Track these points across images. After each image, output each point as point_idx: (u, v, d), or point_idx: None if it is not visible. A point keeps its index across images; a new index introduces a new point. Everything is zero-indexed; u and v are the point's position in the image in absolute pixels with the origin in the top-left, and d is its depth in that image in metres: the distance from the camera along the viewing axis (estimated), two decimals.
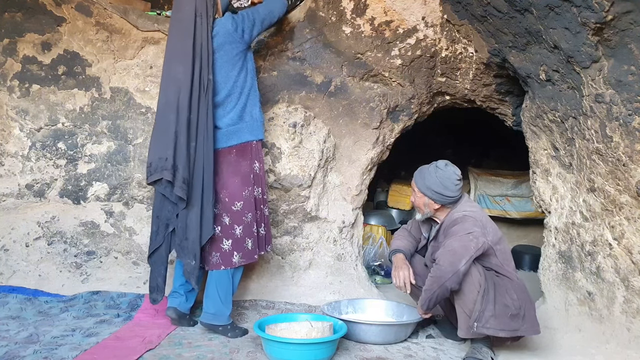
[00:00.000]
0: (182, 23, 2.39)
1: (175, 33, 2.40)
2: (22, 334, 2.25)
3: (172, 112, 2.33)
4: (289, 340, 2.07)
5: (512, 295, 2.18)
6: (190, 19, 2.37)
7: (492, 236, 2.25)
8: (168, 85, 2.38)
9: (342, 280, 3.00)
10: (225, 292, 2.39)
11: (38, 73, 2.92)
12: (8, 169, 2.92)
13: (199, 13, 2.39)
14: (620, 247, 2.19)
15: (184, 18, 2.38)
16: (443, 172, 2.35)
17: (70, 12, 2.92)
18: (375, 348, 2.32)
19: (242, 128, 2.46)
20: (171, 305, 2.43)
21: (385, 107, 3.04)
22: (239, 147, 2.45)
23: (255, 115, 2.50)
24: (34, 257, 2.91)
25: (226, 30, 2.45)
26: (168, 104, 2.35)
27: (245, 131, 2.46)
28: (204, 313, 2.40)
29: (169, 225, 2.39)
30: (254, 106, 2.51)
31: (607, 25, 1.89)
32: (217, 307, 2.37)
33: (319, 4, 2.95)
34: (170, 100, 2.34)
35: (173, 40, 2.41)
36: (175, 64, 2.37)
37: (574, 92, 2.27)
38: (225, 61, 2.44)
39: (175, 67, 2.36)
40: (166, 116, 2.34)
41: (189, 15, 2.38)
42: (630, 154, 2.03)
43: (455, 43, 2.95)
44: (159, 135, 2.36)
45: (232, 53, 2.45)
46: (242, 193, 2.42)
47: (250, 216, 2.42)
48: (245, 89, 2.48)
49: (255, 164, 2.48)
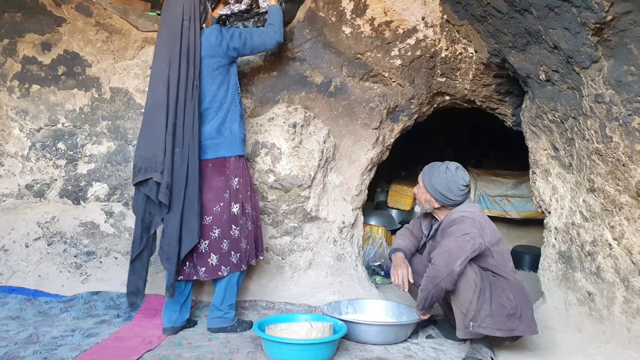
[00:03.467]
0: (170, 24, 2.36)
1: (164, 33, 2.37)
2: (21, 335, 2.25)
3: (160, 112, 2.29)
4: (288, 341, 2.07)
5: (508, 295, 2.18)
6: (178, 20, 2.34)
7: (490, 237, 2.25)
8: (156, 85, 2.33)
9: (342, 280, 3.00)
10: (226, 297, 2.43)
11: (38, 73, 2.92)
12: (8, 169, 2.92)
13: (186, 16, 2.35)
14: (620, 247, 2.19)
15: (172, 19, 2.35)
16: (452, 175, 2.35)
17: (70, 13, 2.93)
18: (375, 348, 2.32)
19: (219, 143, 2.42)
20: (167, 326, 2.37)
21: (385, 107, 3.04)
22: (214, 162, 2.40)
23: (234, 131, 2.45)
24: (33, 257, 2.91)
25: (209, 42, 2.41)
26: (156, 104, 2.31)
27: (222, 146, 2.42)
28: (210, 319, 2.43)
29: (151, 228, 2.35)
30: (234, 121, 2.46)
31: (606, 25, 1.89)
32: (222, 311, 2.42)
33: (319, 5, 2.95)
34: (158, 100, 2.31)
35: (162, 40, 2.38)
36: (163, 64, 2.33)
37: (574, 93, 2.27)
38: (206, 74, 2.40)
39: (163, 68, 2.32)
40: (154, 116, 2.31)
41: (177, 16, 2.34)
42: (630, 154, 2.03)
43: (455, 43, 2.95)
44: (146, 135, 2.32)
45: (212, 66, 2.41)
46: (213, 208, 2.37)
47: (219, 232, 2.37)
48: (224, 103, 2.44)
49: (232, 180, 2.43)
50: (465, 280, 2.16)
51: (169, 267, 2.30)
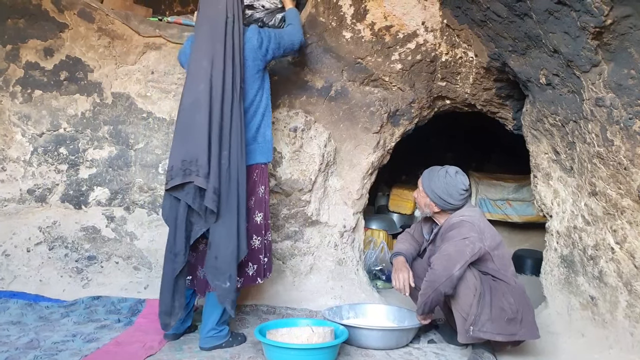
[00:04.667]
0: (211, 20, 2.22)
1: (205, 30, 2.22)
2: (22, 340, 2.25)
3: (201, 112, 2.12)
4: (290, 346, 2.06)
5: (508, 299, 2.17)
6: (222, 17, 2.21)
7: (490, 241, 2.25)
8: (197, 84, 2.17)
9: (343, 285, 2.99)
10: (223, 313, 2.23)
11: (40, 79, 2.94)
12: (10, 174, 2.93)
13: (230, 14, 2.23)
14: (623, 251, 2.18)
15: (214, 15, 2.22)
16: (452, 179, 2.34)
17: (72, 19, 2.94)
18: (377, 353, 2.31)
19: (254, 149, 2.32)
20: (168, 332, 2.28)
21: (385, 111, 3.04)
22: (249, 168, 2.28)
23: (267, 137, 2.37)
24: (35, 262, 2.91)
25: (251, 44, 2.31)
26: (196, 104, 2.14)
27: (257, 152, 2.33)
28: (203, 338, 2.23)
29: (191, 238, 2.16)
30: (267, 127, 2.37)
31: (606, 29, 1.89)
32: (216, 329, 2.24)
33: (320, 10, 2.96)
34: (199, 99, 2.14)
35: (202, 37, 2.23)
36: (204, 62, 2.17)
37: (574, 96, 2.27)
38: (247, 77, 2.29)
39: (204, 65, 2.16)
40: (194, 116, 2.13)
41: (220, 13, 2.22)
42: (631, 158, 2.03)
43: (455, 47, 2.95)
44: (184, 136, 2.14)
45: (253, 70, 2.32)
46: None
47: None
48: (260, 108, 2.35)
49: (260, 188, 2.34)
50: (465, 284, 2.15)
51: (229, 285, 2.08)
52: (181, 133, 2.17)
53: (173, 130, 2.91)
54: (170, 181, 2.13)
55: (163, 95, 2.96)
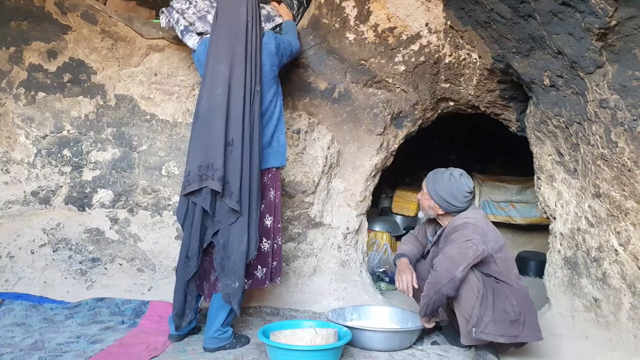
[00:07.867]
0: (231, 23, 2.22)
1: (223, 33, 2.22)
2: (27, 341, 2.26)
3: (219, 117, 2.13)
4: (293, 347, 2.06)
5: (511, 301, 2.17)
6: (242, 20, 2.21)
7: (493, 244, 2.24)
8: (214, 87, 2.16)
9: (347, 286, 2.99)
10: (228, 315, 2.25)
11: (44, 81, 2.94)
12: (14, 176, 2.94)
13: (249, 17, 2.23)
14: (627, 253, 2.17)
15: (234, 18, 2.22)
16: (456, 181, 2.34)
17: (75, 21, 2.95)
18: (380, 355, 2.31)
19: (269, 153, 2.33)
20: (173, 333, 2.30)
21: (389, 113, 3.04)
22: (263, 172, 2.31)
23: (281, 142, 2.40)
24: (39, 264, 2.92)
25: (269, 50, 2.31)
26: (215, 108, 2.15)
27: (272, 157, 2.35)
28: (207, 339, 2.25)
29: (205, 242, 2.20)
30: (281, 132, 2.40)
31: (610, 30, 1.89)
32: (220, 331, 2.25)
33: (323, 11, 2.96)
34: (217, 104, 2.14)
35: (220, 40, 2.22)
36: (222, 65, 2.16)
37: (578, 98, 2.27)
38: (264, 81, 2.29)
39: (222, 69, 2.16)
40: (211, 121, 2.14)
41: (241, 16, 2.22)
42: (635, 160, 2.02)
43: (458, 49, 2.95)
44: (201, 142, 2.15)
45: (269, 75, 2.32)
46: None
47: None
48: (275, 113, 2.37)
49: (271, 192, 2.36)
50: (467, 286, 2.15)
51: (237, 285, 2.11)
52: (198, 138, 2.18)
53: (176, 132, 2.95)
54: (188, 187, 2.15)
55: (166, 97, 2.97)
